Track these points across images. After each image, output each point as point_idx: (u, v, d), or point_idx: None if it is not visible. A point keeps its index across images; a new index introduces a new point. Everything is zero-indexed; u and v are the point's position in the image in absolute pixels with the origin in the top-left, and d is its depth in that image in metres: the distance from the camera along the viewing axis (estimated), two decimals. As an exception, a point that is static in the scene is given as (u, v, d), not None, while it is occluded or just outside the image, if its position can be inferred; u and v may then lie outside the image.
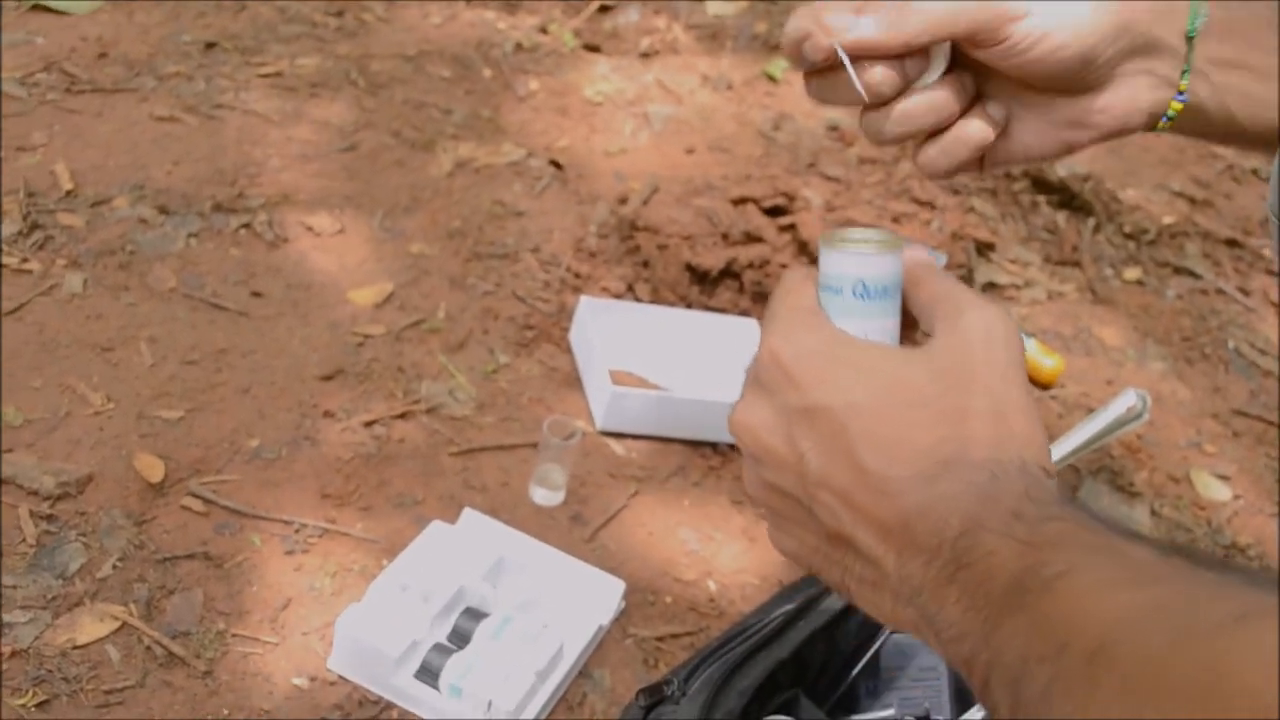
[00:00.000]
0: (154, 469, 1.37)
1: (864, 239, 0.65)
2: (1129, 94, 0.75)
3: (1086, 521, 0.53)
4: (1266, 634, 0.41)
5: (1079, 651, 0.46)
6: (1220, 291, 2.23)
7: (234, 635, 1.23)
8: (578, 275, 1.83)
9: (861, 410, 0.59)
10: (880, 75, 0.71)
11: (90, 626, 1.21)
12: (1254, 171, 2.66)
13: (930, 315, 0.64)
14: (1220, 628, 0.42)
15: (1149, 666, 0.43)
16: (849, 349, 0.62)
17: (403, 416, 1.52)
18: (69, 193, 1.75)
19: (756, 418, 0.63)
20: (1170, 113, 0.76)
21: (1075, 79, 0.73)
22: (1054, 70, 0.72)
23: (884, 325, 0.65)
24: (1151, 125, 0.77)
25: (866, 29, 0.69)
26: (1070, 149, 0.79)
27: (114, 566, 1.26)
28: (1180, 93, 0.75)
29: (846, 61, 0.70)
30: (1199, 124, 0.78)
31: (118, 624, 1.21)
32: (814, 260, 1.40)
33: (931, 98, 0.73)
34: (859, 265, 0.64)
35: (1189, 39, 0.74)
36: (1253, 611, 0.42)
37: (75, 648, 1.18)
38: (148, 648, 1.20)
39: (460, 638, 1.23)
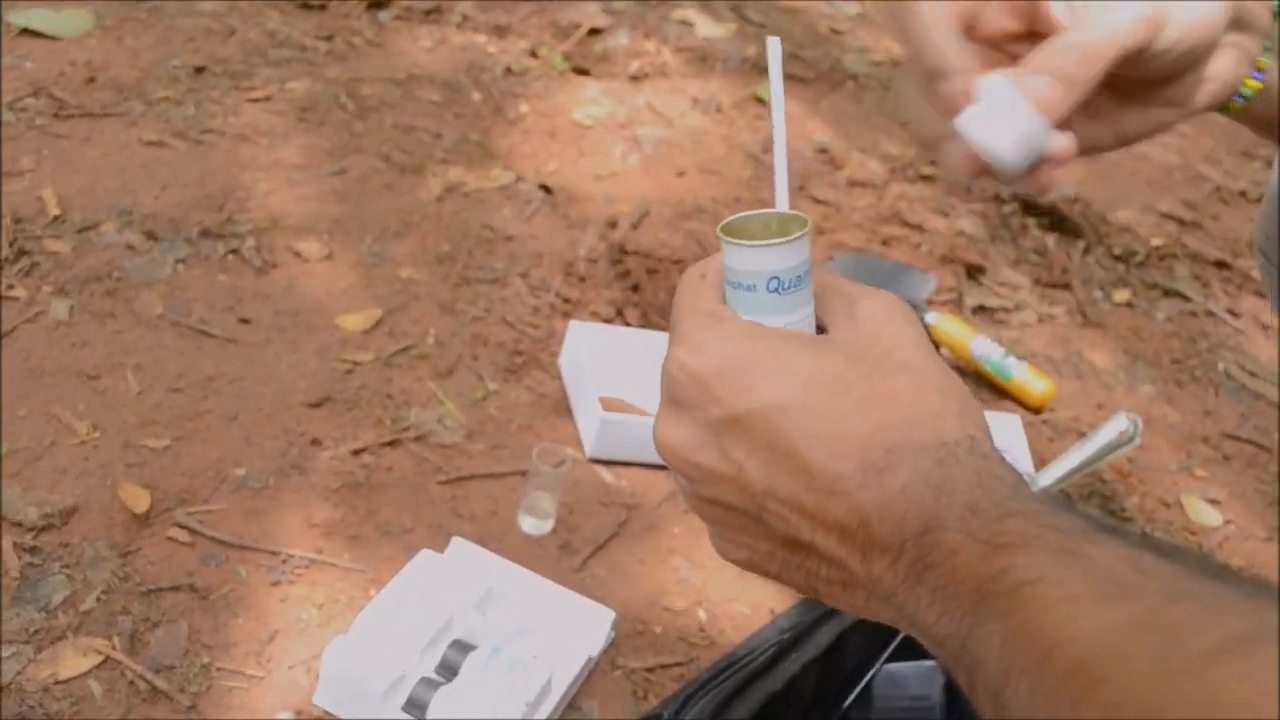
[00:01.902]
0: (139, 499, 1.36)
1: (772, 230, 0.61)
2: (1221, 68, 0.73)
3: (1048, 516, 0.51)
4: (1258, 666, 0.40)
5: (1058, 669, 0.45)
6: (1210, 313, 2.23)
7: (219, 668, 1.22)
8: (567, 300, 1.83)
9: (791, 409, 0.57)
10: (1067, 142, 0.67)
11: (73, 661, 1.20)
12: (1241, 193, 2.67)
13: (820, 309, 0.63)
14: (1209, 658, 0.41)
15: (1132, 696, 0.42)
16: (760, 346, 0.59)
17: (391, 444, 1.51)
18: (56, 218, 1.74)
19: (681, 436, 0.60)
20: (1247, 91, 0.75)
21: (1190, 65, 0.72)
22: (1180, 67, 0.71)
23: (804, 314, 0.62)
24: (1228, 106, 0.76)
25: (1064, 88, 0.65)
26: (1162, 128, 0.76)
27: (98, 599, 1.25)
28: (1259, 70, 0.74)
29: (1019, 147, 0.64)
30: (1265, 109, 0.76)
31: (101, 658, 1.20)
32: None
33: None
34: (772, 259, 0.60)
35: (1277, 16, 0.73)
36: (1241, 637, 0.41)
37: (57, 683, 1.17)
38: (131, 682, 1.19)
39: (448, 670, 1.22)
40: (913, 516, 0.54)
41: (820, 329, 0.63)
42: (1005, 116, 0.63)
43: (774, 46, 0.67)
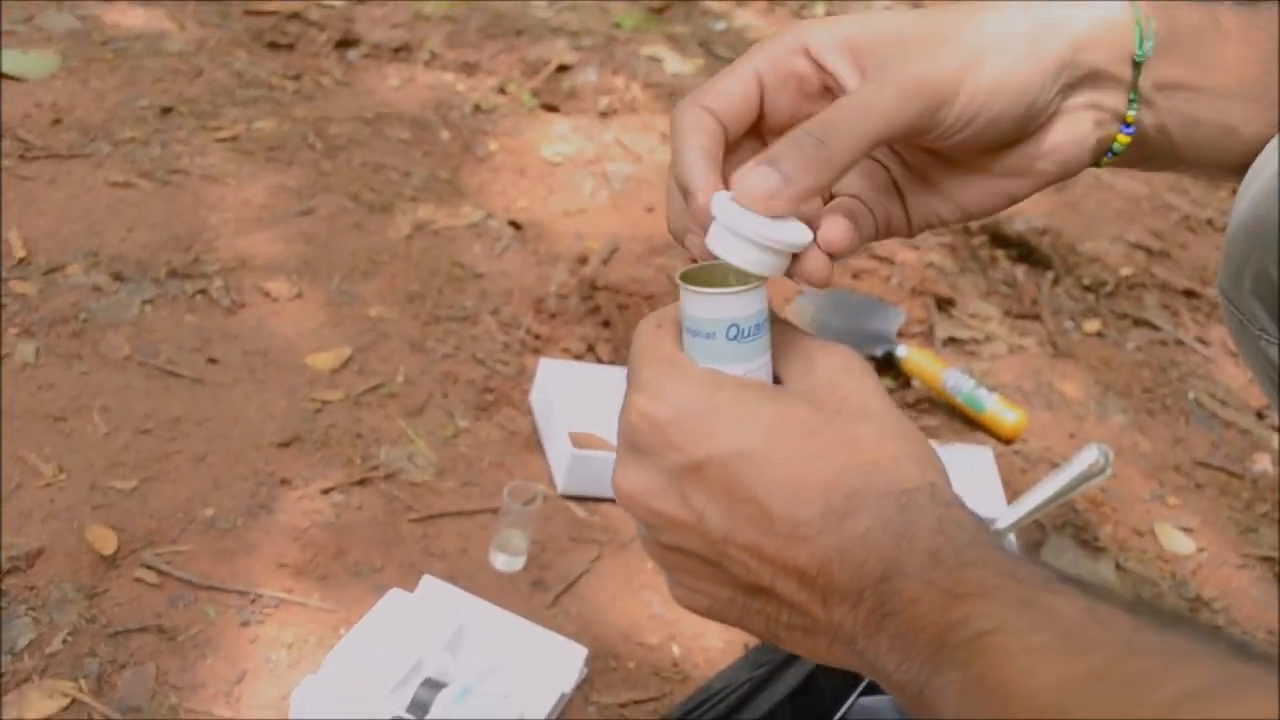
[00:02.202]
0: (106, 541, 1.34)
1: (730, 279, 0.60)
2: (1072, 133, 0.69)
3: (1008, 566, 0.51)
4: (1219, 715, 0.39)
5: None
6: (1179, 342, 2.24)
7: (187, 710, 1.21)
8: (538, 336, 1.82)
9: (751, 455, 0.57)
10: (833, 232, 0.62)
11: (39, 703, 1.18)
12: (1209, 222, 2.69)
13: (778, 361, 0.63)
14: (1169, 709, 0.41)
15: None
16: (721, 394, 0.59)
17: (361, 483, 1.50)
18: (21, 260, 1.73)
19: (641, 484, 0.60)
20: (1116, 148, 0.70)
21: (1014, 134, 0.67)
22: (992, 137, 0.66)
23: (761, 363, 0.62)
24: (1096, 162, 0.71)
25: (782, 182, 0.59)
26: (1013, 200, 0.71)
27: (64, 641, 1.24)
28: (1127, 124, 0.69)
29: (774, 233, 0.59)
30: (1140, 154, 0.71)
31: (68, 700, 1.19)
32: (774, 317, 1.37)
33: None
34: (732, 307, 0.60)
35: (1136, 64, 0.67)
36: (1201, 689, 0.41)
37: (23, 727, 1.16)
38: (98, 726, 1.17)
39: (419, 708, 1.21)
40: (873, 563, 0.54)
41: (776, 380, 0.63)
42: (735, 232, 0.59)
43: None
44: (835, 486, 0.56)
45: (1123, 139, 0.70)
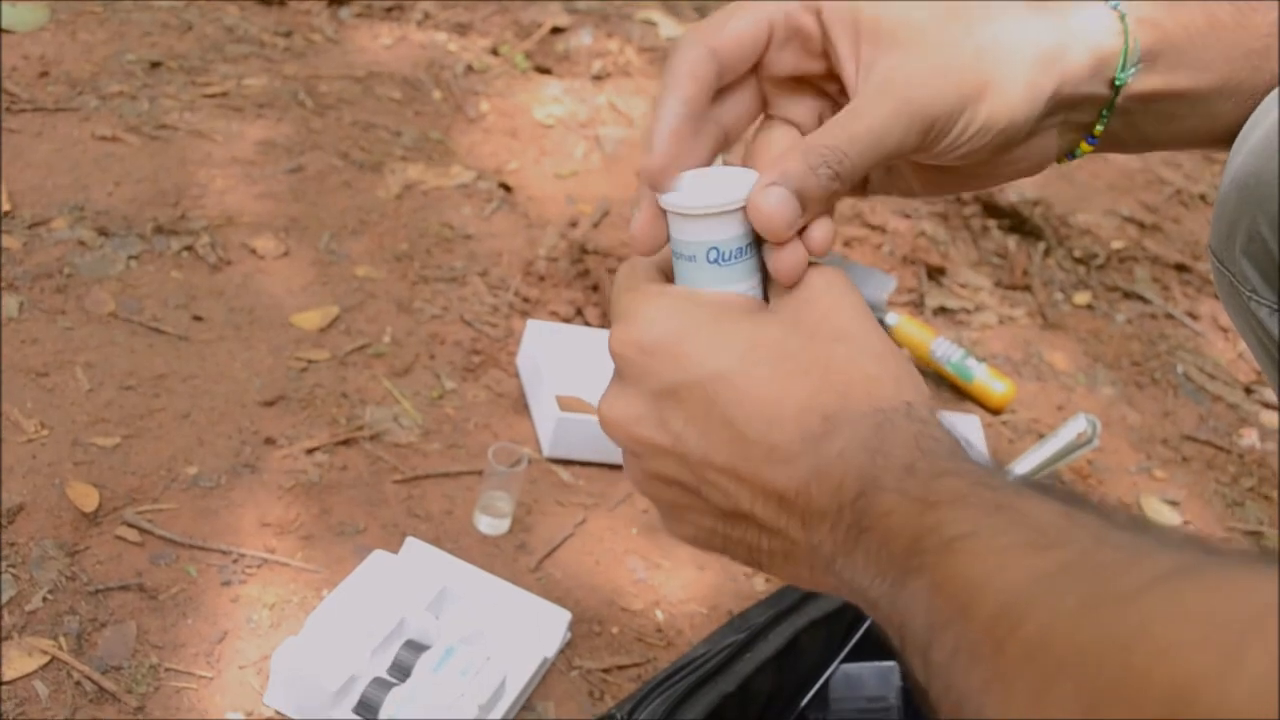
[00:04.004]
0: (88, 498, 1.33)
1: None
2: (1040, 145, 0.70)
3: (983, 476, 0.51)
4: (1187, 593, 0.38)
5: (981, 616, 0.44)
6: (1169, 316, 2.24)
7: (168, 669, 1.20)
8: (526, 299, 1.81)
9: (728, 378, 0.57)
10: (827, 230, 0.63)
11: (18, 661, 1.17)
12: (1201, 197, 2.68)
13: (767, 283, 0.63)
14: (1136, 591, 0.40)
15: (1056, 632, 0.41)
16: (697, 313, 0.59)
17: (346, 443, 1.49)
18: (6, 214, 1.71)
19: (623, 410, 0.61)
20: (1077, 153, 0.72)
21: (989, 153, 0.67)
22: (968, 157, 0.66)
23: (748, 286, 0.62)
24: (1059, 162, 0.73)
25: (800, 212, 0.59)
26: (965, 190, 0.75)
27: (44, 599, 1.23)
28: (1092, 136, 0.71)
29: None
30: (1108, 147, 0.73)
31: (47, 658, 1.18)
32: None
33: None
34: (710, 229, 0.61)
35: (1116, 87, 0.68)
36: (1170, 572, 0.40)
37: (2, 684, 1.15)
38: (77, 683, 1.17)
39: (401, 671, 1.20)
40: (850, 481, 0.54)
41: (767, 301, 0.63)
42: (684, 213, 0.61)
43: None
44: (811, 408, 0.56)
45: (1086, 147, 0.71)
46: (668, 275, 0.65)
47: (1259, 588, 0.37)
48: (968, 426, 1.77)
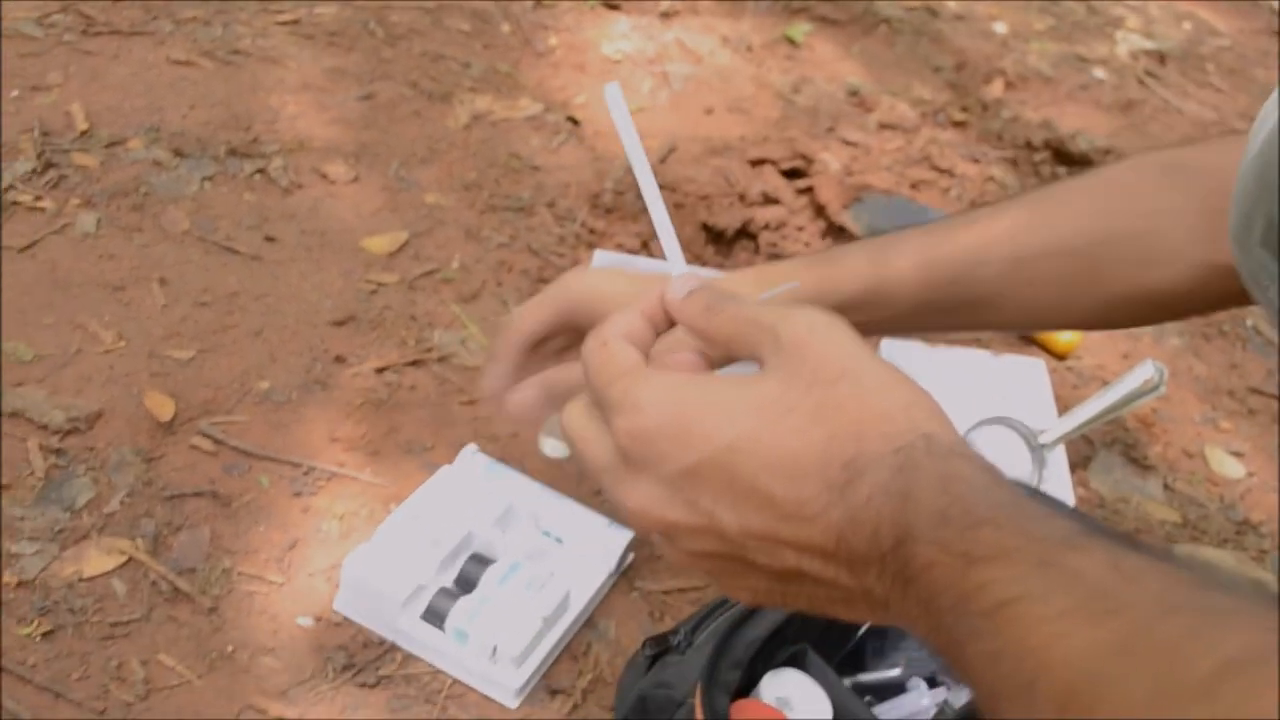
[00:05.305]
0: (164, 407, 1.36)
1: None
2: None
3: (1021, 524, 0.49)
4: (1264, 684, 0.37)
5: (1048, 696, 0.44)
6: (1239, 269, 2.21)
7: (240, 573, 1.23)
8: (593, 231, 1.82)
9: (740, 445, 0.56)
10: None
11: (97, 560, 1.20)
12: (1276, 151, 2.64)
13: (745, 341, 0.61)
14: (1207, 681, 0.39)
15: None
16: (694, 391, 0.58)
17: (414, 364, 1.51)
18: (84, 133, 1.74)
19: (646, 498, 0.59)
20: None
21: None
22: None
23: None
24: None
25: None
26: None
27: (121, 502, 1.26)
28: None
29: None
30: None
31: (124, 558, 1.21)
32: (830, 224, 1.42)
33: None
34: None
35: None
36: (1244, 655, 0.39)
37: (81, 580, 1.18)
38: (153, 583, 1.19)
39: (466, 583, 1.22)
40: (884, 529, 0.53)
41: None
42: None
43: (612, 93, 0.67)
44: (828, 458, 0.55)
45: None
46: (639, 346, 0.64)
47: None
48: (1032, 370, 1.77)
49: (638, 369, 0.61)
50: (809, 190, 1.95)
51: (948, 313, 0.98)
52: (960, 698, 1.11)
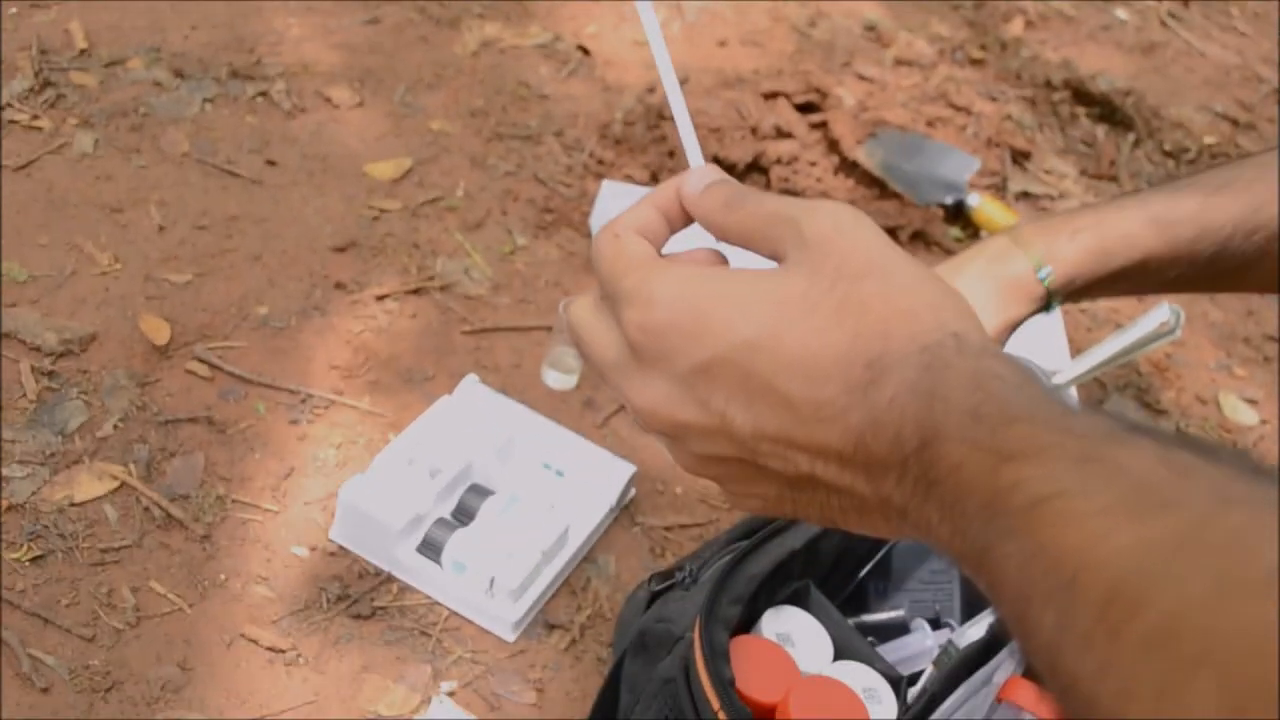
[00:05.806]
0: (159, 331, 1.34)
1: None
2: None
3: (1060, 418, 0.46)
4: None
5: (1089, 597, 0.40)
6: (1259, 214, 2.17)
7: (234, 501, 1.21)
8: (601, 161, 1.78)
9: (759, 343, 0.53)
10: None
11: (88, 485, 1.18)
12: (1300, 96, 2.59)
13: (766, 237, 0.57)
14: (1274, 576, 0.35)
15: (1188, 623, 0.36)
16: (712, 285, 0.55)
17: (416, 292, 1.48)
18: (83, 52, 1.70)
19: (657, 397, 0.56)
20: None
21: None
22: None
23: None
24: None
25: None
26: None
27: (115, 426, 1.24)
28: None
29: None
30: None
31: (116, 484, 1.19)
32: (843, 159, 1.37)
33: None
34: None
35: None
36: None
37: (73, 505, 1.16)
38: (146, 509, 1.18)
39: (465, 514, 1.20)
40: (908, 431, 0.49)
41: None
42: None
43: (645, 11, 0.63)
44: (850, 358, 0.51)
45: None
46: (652, 243, 0.61)
47: None
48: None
49: (651, 261, 0.57)
50: (822, 125, 1.91)
51: (1209, 279, 0.98)
52: (964, 637, 1.09)
